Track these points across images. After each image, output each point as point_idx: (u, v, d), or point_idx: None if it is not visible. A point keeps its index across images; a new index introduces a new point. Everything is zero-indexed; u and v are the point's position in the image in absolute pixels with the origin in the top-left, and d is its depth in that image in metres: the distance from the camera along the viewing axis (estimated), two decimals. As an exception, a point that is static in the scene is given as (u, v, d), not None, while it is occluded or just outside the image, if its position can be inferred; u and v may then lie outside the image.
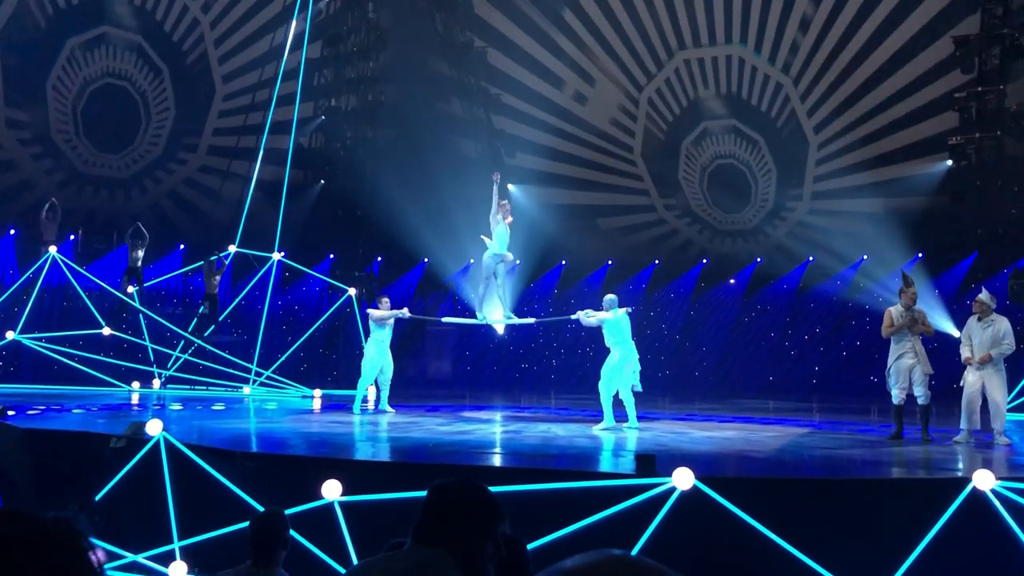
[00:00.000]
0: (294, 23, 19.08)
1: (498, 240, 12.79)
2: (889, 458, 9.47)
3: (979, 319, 10.27)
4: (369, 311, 14.21)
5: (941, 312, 16.64)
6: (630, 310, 11.76)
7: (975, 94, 18.00)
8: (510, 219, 12.89)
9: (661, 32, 21.97)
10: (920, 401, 10.43)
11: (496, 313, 13.98)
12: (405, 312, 14.03)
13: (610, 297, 11.85)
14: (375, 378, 13.71)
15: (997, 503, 6.65)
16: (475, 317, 13.63)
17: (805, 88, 21.21)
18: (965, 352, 10.25)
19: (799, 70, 21.19)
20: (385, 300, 14.11)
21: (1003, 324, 10.15)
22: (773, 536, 6.57)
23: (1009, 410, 11.65)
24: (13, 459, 9.30)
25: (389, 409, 13.60)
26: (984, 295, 10.44)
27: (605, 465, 8.93)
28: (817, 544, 6.61)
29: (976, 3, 18.14)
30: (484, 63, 23.16)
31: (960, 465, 8.99)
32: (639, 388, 11.45)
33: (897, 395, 10.44)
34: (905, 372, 10.35)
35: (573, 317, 12.40)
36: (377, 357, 13.53)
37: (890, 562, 6.56)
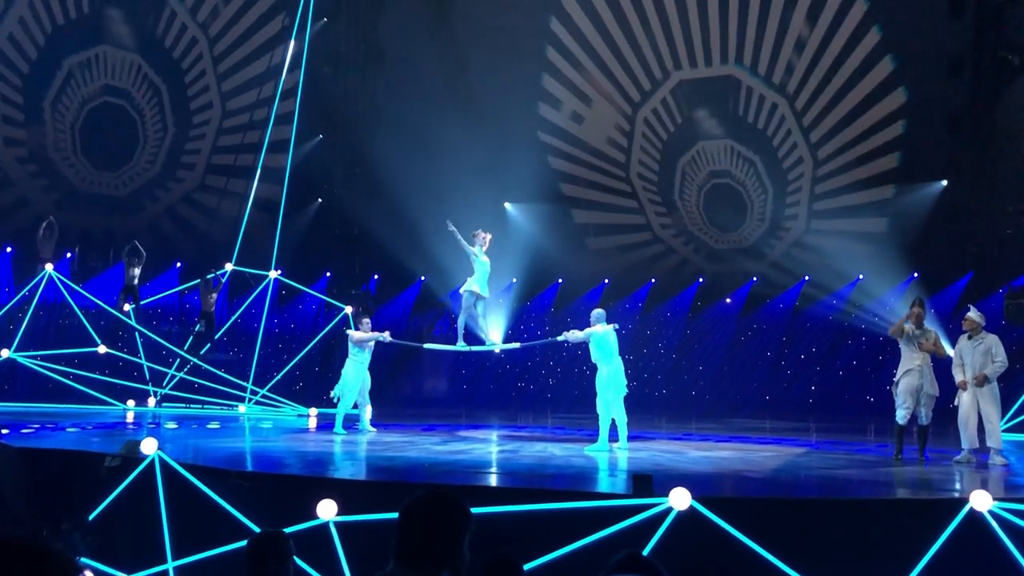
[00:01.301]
0: (292, 42, 19.16)
1: (479, 273, 12.65)
2: (886, 478, 9.45)
3: (969, 337, 10.28)
4: (348, 332, 14.10)
5: (937, 331, 16.64)
6: (616, 326, 11.67)
7: (970, 114, 18.10)
8: (487, 243, 12.71)
9: (657, 52, 22.11)
10: (920, 421, 10.39)
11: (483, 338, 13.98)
12: (386, 336, 13.88)
13: (598, 311, 11.78)
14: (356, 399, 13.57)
15: (994, 524, 6.64)
16: (456, 344, 13.48)
17: (801, 108, 21.32)
18: (958, 375, 10.22)
19: (795, 90, 21.32)
20: (366, 321, 14.02)
21: (994, 341, 10.15)
22: (771, 557, 6.55)
23: (1005, 430, 11.66)
24: (7, 478, 9.26)
25: (371, 429, 13.50)
26: (973, 313, 10.45)
27: (602, 485, 8.90)
28: (815, 565, 6.59)
29: (970, 24, 18.28)
30: (482, 81, 23.24)
31: (957, 485, 8.97)
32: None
33: (902, 415, 10.35)
34: (912, 393, 10.28)
35: (559, 339, 12.31)
36: (355, 377, 13.38)
37: (888, 583, 6.53)
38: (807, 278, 20.55)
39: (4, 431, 10.67)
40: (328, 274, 21.16)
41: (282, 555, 4.66)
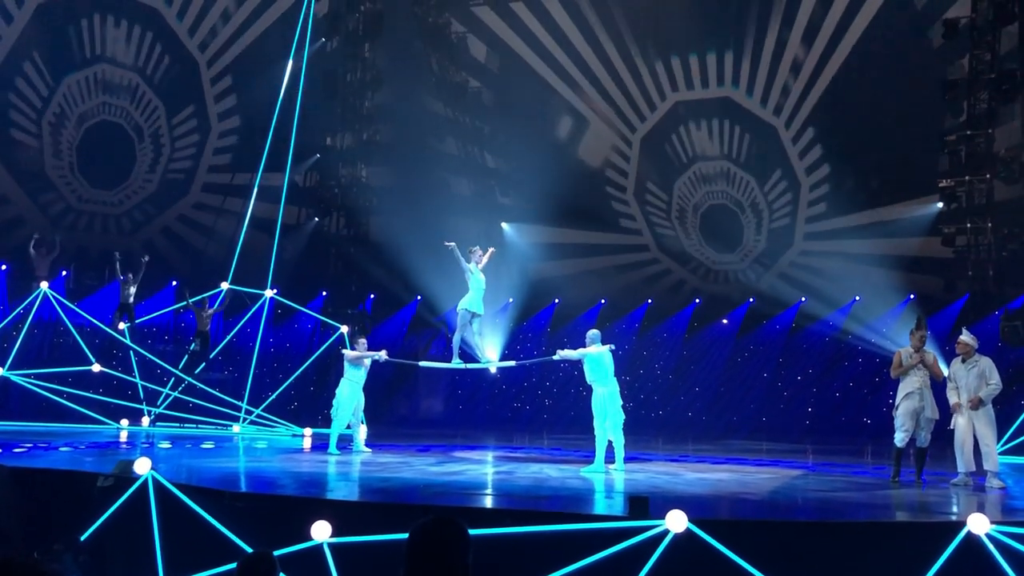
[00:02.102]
0: (291, 62, 19.23)
1: (474, 290, 12.65)
2: (883, 501, 9.41)
3: (963, 360, 10.28)
4: (344, 351, 14.03)
5: (935, 353, 16.64)
6: (613, 347, 11.62)
7: (964, 137, 18.18)
8: (483, 263, 12.71)
9: (654, 74, 22.23)
10: (918, 443, 10.37)
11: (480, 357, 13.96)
12: (383, 355, 13.81)
13: (593, 332, 11.71)
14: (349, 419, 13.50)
15: (992, 547, 6.60)
16: (452, 362, 13.44)
17: (797, 130, 21.42)
18: (953, 397, 10.23)
19: (791, 112, 21.42)
20: (362, 341, 13.97)
21: (988, 364, 10.16)
22: (767, 580, 6.51)
23: (1002, 453, 11.63)
24: (-2, 497, 9.18)
25: (365, 449, 13.45)
26: (965, 336, 10.46)
27: (598, 507, 8.85)
28: (812, 589, 6.54)
29: (965, 48, 18.40)
30: (479, 103, 23.37)
31: (955, 509, 8.93)
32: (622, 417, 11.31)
33: (901, 438, 10.35)
34: (911, 415, 10.27)
35: (555, 357, 12.25)
36: (350, 397, 13.33)
37: (885, 607, 6.48)
38: (803, 299, 20.56)
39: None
40: (324, 293, 21.14)
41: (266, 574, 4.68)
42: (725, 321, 21.45)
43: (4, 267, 19.06)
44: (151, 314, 19.17)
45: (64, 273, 19.46)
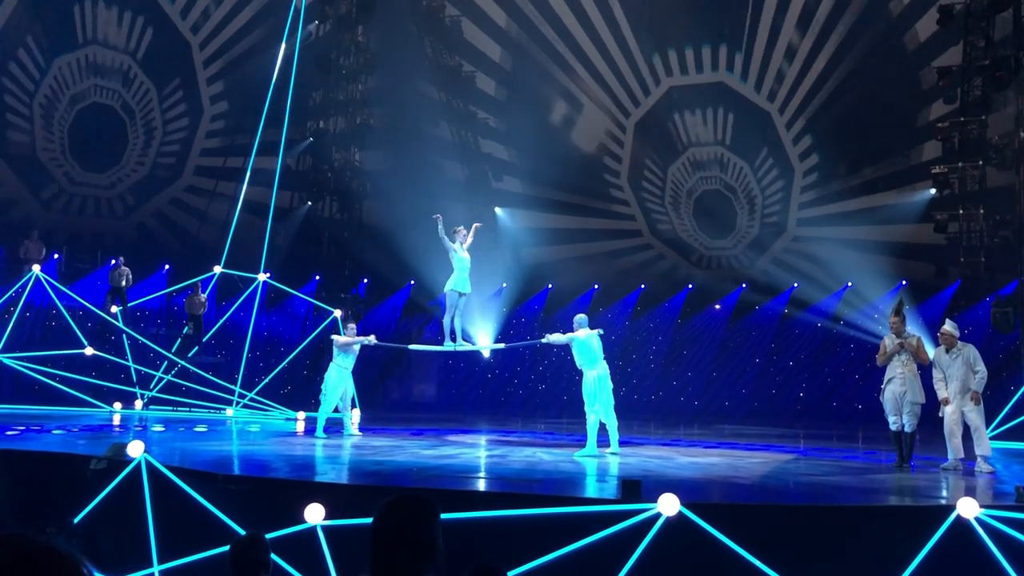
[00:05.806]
0: (284, 45, 19.13)
1: (458, 270, 12.68)
2: (874, 485, 9.47)
3: (947, 350, 10.35)
4: (333, 337, 14.03)
5: (924, 339, 16.70)
6: (601, 331, 11.63)
7: (958, 124, 18.18)
8: (468, 242, 12.76)
9: (649, 59, 22.18)
10: (905, 428, 10.45)
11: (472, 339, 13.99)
12: (372, 339, 13.85)
13: (580, 317, 11.73)
14: (337, 403, 13.53)
15: (981, 531, 6.65)
16: (444, 344, 13.48)
17: (790, 116, 21.41)
18: (941, 389, 10.28)
19: (784, 98, 21.41)
20: (352, 326, 13.99)
21: (972, 351, 10.22)
22: (759, 563, 6.55)
23: (992, 438, 11.71)
24: (-9, 480, 9.18)
25: (356, 433, 13.49)
26: (948, 326, 10.52)
27: (590, 490, 8.88)
28: (802, 571, 6.59)
29: (958, 35, 18.38)
30: (473, 88, 23.30)
31: (944, 493, 8.99)
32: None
33: (892, 423, 10.50)
34: (895, 400, 10.40)
35: (543, 341, 12.29)
36: (338, 382, 13.36)
37: (875, 590, 6.53)
38: (795, 285, 20.61)
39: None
40: (317, 277, 21.11)
41: (260, 559, 4.70)
42: (718, 306, 21.51)
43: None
44: (144, 297, 19.13)
45: (56, 256, 19.39)
